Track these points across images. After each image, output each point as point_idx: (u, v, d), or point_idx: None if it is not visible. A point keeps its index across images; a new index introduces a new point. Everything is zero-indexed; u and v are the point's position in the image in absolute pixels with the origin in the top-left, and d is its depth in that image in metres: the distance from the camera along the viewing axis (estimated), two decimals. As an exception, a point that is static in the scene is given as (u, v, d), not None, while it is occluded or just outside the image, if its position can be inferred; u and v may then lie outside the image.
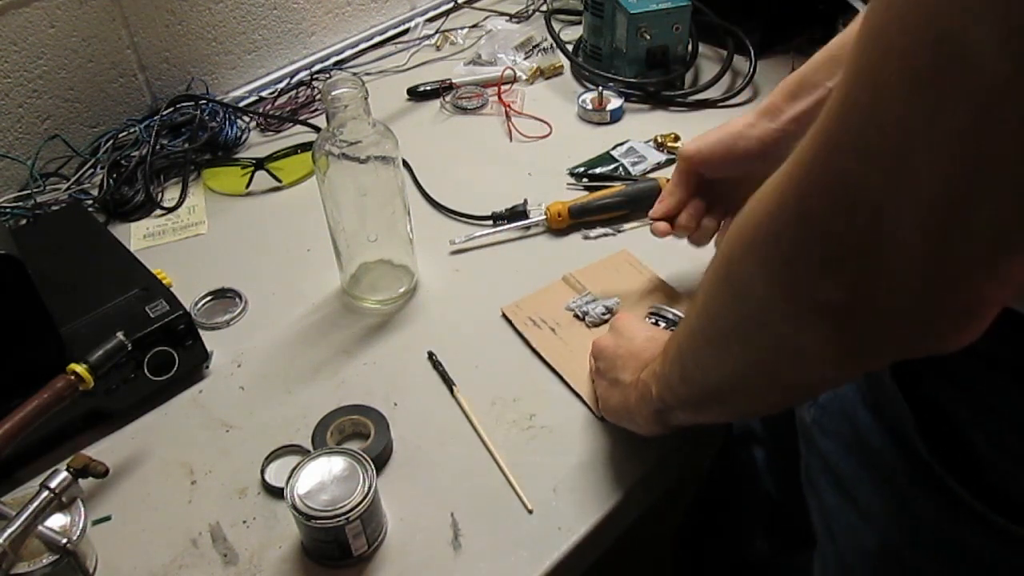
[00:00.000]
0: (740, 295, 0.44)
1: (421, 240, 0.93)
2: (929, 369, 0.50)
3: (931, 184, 0.32)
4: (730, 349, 0.48)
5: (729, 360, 0.49)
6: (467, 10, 1.43)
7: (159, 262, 0.94)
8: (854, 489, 0.59)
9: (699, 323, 0.51)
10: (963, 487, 0.49)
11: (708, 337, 0.51)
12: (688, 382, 0.56)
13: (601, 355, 0.73)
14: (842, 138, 0.34)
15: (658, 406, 0.62)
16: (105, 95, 1.11)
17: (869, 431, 0.56)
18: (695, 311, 0.52)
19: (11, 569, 0.61)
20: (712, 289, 0.48)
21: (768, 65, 1.21)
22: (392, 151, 0.83)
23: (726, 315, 0.47)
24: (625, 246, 0.95)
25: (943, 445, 0.50)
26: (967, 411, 0.48)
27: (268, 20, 1.23)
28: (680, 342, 0.56)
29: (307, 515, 0.64)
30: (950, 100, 0.30)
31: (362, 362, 0.84)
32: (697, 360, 0.54)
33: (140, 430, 0.79)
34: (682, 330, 0.56)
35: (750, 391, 0.50)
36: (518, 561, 0.67)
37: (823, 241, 0.36)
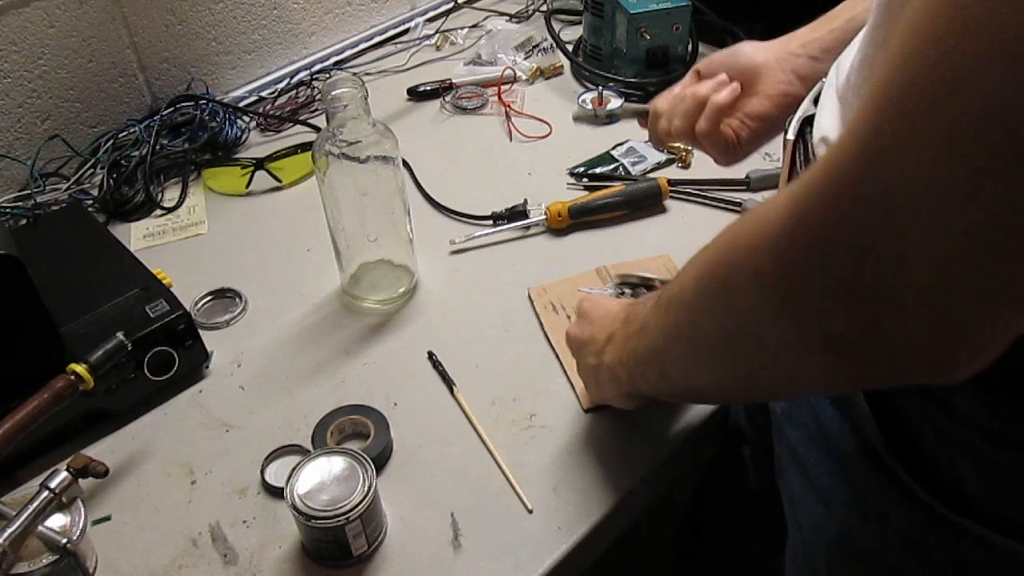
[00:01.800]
0: (735, 313, 0.43)
1: (421, 240, 0.93)
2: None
3: (956, 239, 0.32)
4: (718, 359, 0.47)
5: (716, 369, 0.48)
6: (467, 10, 1.43)
7: (159, 262, 0.94)
8: (818, 478, 0.60)
9: (680, 330, 0.50)
10: (912, 477, 0.50)
11: (692, 345, 0.50)
12: (668, 380, 0.55)
13: (569, 343, 0.72)
14: (864, 188, 0.34)
15: (629, 390, 0.63)
16: (105, 95, 1.11)
17: (830, 422, 0.57)
18: (673, 314, 0.51)
19: (11, 569, 0.61)
20: (698, 300, 0.47)
21: (768, 65, 1.21)
22: (392, 151, 0.83)
23: (715, 328, 0.46)
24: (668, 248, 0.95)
25: (896, 437, 0.51)
26: (918, 405, 0.49)
27: (268, 20, 1.23)
28: (656, 342, 0.54)
29: (307, 515, 0.64)
30: (991, 171, 0.30)
31: (362, 362, 0.84)
32: (679, 365, 0.53)
33: (140, 430, 0.79)
34: (657, 329, 0.54)
35: (735, 393, 0.50)
36: (518, 561, 0.67)
37: (837, 281, 0.36)
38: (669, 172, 1.06)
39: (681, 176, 1.04)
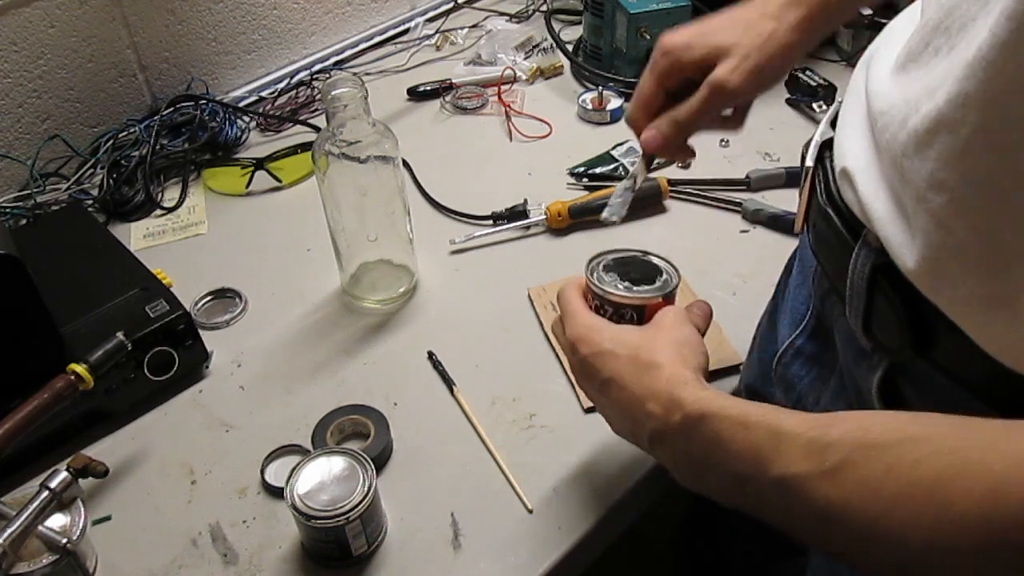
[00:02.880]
0: (905, 546, 0.35)
1: (421, 240, 0.93)
2: (914, 389, 0.49)
3: None
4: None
5: (822, 545, 0.41)
6: (467, 10, 1.43)
7: (159, 262, 0.94)
8: None
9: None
10: None
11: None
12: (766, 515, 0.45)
13: (572, 360, 0.59)
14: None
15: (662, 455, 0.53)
16: (105, 95, 1.11)
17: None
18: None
19: (11, 569, 0.61)
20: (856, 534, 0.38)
21: (768, 65, 1.20)
22: (392, 151, 0.83)
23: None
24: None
25: None
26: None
27: (268, 20, 1.23)
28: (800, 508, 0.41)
29: (307, 515, 0.64)
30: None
31: (362, 362, 0.84)
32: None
33: (140, 430, 0.79)
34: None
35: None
36: (518, 561, 0.67)
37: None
38: (669, 172, 1.06)
39: (681, 176, 1.04)
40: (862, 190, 0.47)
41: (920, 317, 0.44)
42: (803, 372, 0.63)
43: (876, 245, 0.46)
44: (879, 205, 0.45)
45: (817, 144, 0.55)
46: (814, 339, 0.61)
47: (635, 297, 0.58)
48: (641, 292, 0.59)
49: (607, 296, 0.59)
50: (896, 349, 0.46)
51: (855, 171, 0.48)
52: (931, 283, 0.42)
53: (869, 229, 0.47)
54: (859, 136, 0.49)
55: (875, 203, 0.46)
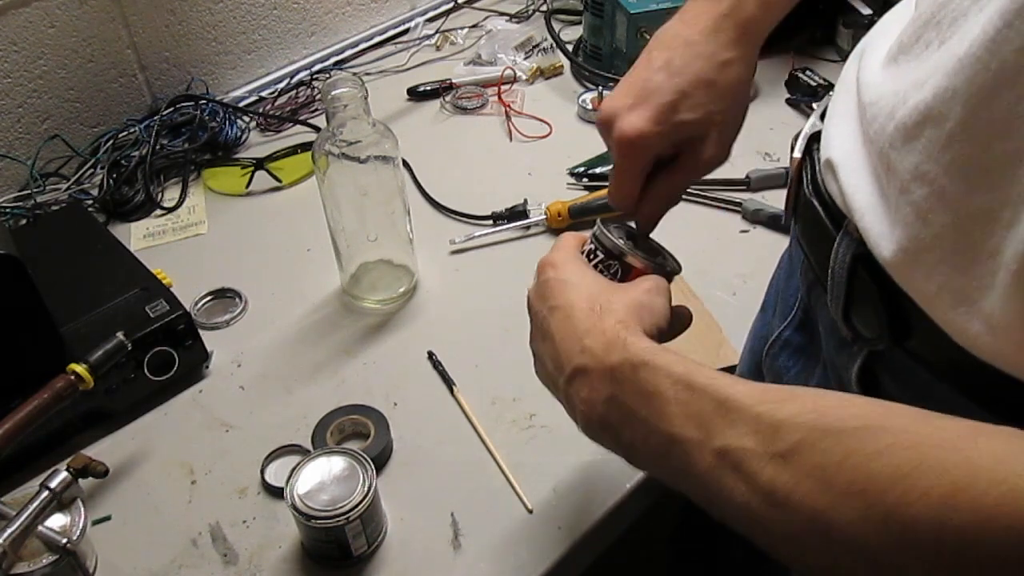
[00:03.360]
0: (853, 545, 0.33)
1: (421, 240, 0.93)
2: (892, 378, 0.49)
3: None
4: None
5: (758, 533, 0.38)
6: (467, 10, 1.43)
7: (159, 262, 0.94)
8: None
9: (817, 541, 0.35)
10: None
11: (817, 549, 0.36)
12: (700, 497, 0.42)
13: (538, 337, 0.54)
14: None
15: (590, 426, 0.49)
16: (105, 95, 1.11)
17: None
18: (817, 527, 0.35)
19: (11, 569, 0.61)
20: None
21: (767, 65, 1.21)
22: (392, 151, 0.83)
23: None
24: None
25: None
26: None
27: (268, 20, 1.23)
28: (733, 496, 0.38)
29: (307, 515, 0.64)
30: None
31: (362, 362, 0.84)
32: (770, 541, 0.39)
33: (140, 430, 0.79)
34: (751, 493, 0.37)
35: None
36: (518, 561, 0.67)
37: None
38: (669, 172, 1.06)
39: (681, 176, 1.04)
40: (845, 181, 0.47)
41: (897, 307, 0.44)
42: (790, 363, 0.63)
43: (857, 235, 0.47)
44: (861, 196, 0.46)
45: (806, 136, 0.55)
46: (801, 331, 0.62)
47: (630, 253, 0.55)
48: (637, 253, 0.56)
49: (604, 239, 0.56)
50: (874, 338, 0.47)
51: (839, 162, 0.48)
52: (906, 274, 0.42)
53: (850, 220, 0.47)
54: (846, 127, 0.49)
55: (857, 194, 0.46)
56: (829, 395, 0.38)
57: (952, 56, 0.37)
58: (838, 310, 0.49)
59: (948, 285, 0.39)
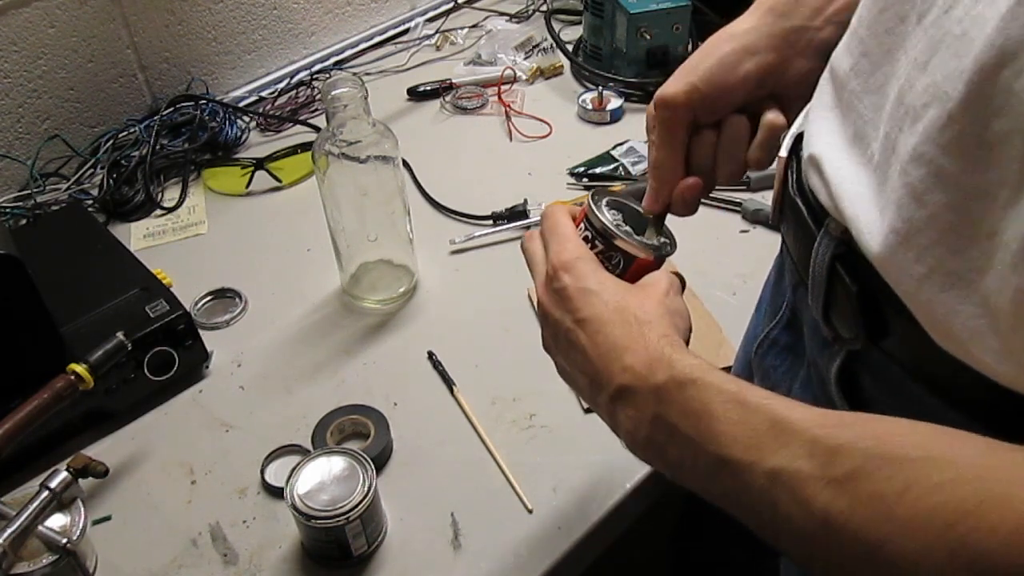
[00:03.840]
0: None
1: (421, 240, 0.93)
2: (870, 378, 0.49)
3: None
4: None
5: (813, 561, 0.37)
6: (467, 10, 1.43)
7: (159, 262, 0.94)
8: None
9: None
10: None
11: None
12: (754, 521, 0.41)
13: (560, 349, 0.52)
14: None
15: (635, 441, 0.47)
16: (105, 95, 1.11)
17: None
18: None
19: (11, 569, 0.61)
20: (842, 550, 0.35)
21: (768, 65, 1.21)
22: (392, 151, 0.83)
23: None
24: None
25: None
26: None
27: (268, 20, 1.23)
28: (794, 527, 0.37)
29: (307, 515, 0.64)
30: None
31: (362, 362, 0.84)
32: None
33: (140, 430, 0.79)
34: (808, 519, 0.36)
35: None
36: (518, 561, 0.67)
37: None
38: (669, 172, 1.06)
39: (681, 176, 1.04)
40: (830, 173, 0.47)
41: (875, 306, 0.44)
42: (777, 362, 0.64)
43: (837, 234, 0.47)
44: (848, 185, 0.46)
45: (792, 136, 0.55)
46: (789, 330, 0.62)
47: (633, 244, 0.53)
48: (639, 243, 0.54)
49: (605, 231, 0.53)
50: (852, 338, 0.47)
51: (822, 155, 0.49)
52: (893, 260, 0.42)
53: (832, 217, 0.47)
54: (828, 122, 0.49)
55: (844, 183, 0.46)
56: (891, 421, 0.37)
57: (948, 33, 0.38)
58: (818, 309, 0.50)
59: (940, 267, 0.39)
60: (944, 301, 0.39)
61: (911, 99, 0.41)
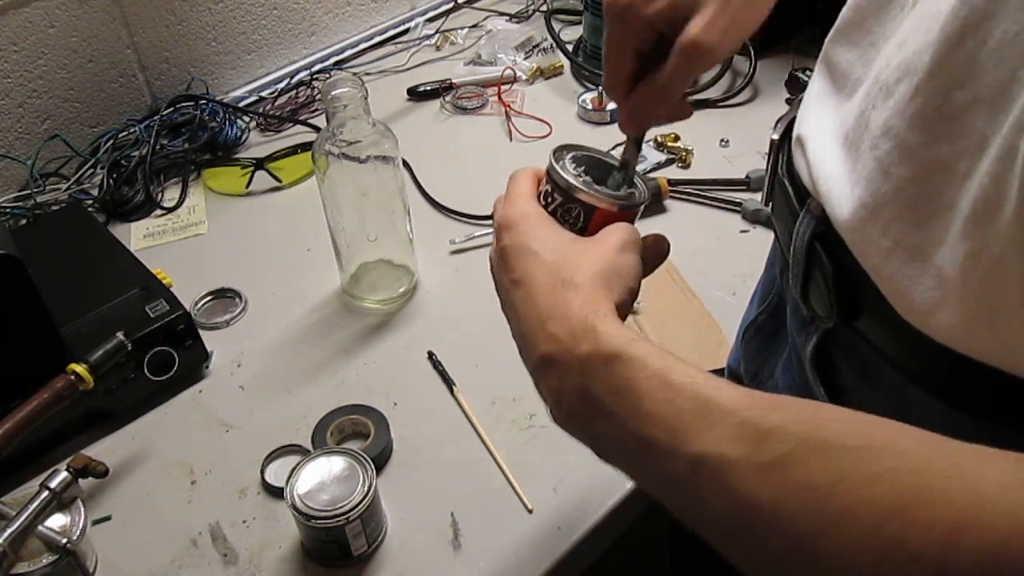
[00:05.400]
0: (846, 574, 0.31)
1: (421, 240, 0.93)
2: (843, 356, 0.50)
3: None
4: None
5: (735, 550, 0.36)
6: (467, 10, 1.43)
7: (159, 262, 0.94)
8: None
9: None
10: None
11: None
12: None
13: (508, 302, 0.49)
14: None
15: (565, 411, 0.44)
16: (105, 95, 1.11)
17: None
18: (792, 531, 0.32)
19: (11, 569, 0.61)
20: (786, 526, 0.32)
21: (768, 64, 1.21)
22: (392, 151, 0.83)
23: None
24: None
25: None
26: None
27: (268, 20, 1.23)
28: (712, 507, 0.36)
29: (307, 515, 0.64)
30: None
31: (362, 362, 0.84)
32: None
33: (140, 430, 0.79)
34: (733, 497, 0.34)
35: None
36: (518, 561, 0.67)
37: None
38: (669, 172, 1.06)
39: (681, 176, 1.04)
40: (812, 152, 0.48)
41: (849, 285, 0.45)
42: (762, 346, 0.65)
43: (817, 213, 0.47)
44: (827, 165, 0.46)
45: (785, 121, 0.56)
46: (775, 315, 0.63)
47: (590, 195, 0.49)
48: (599, 192, 0.50)
49: (563, 183, 0.50)
50: (826, 316, 0.48)
51: (809, 135, 0.49)
52: (862, 233, 0.43)
53: (814, 197, 0.48)
54: (820, 106, 0.50)
55: (824, 163, 0.46)
56: (828, 408, 0.35)
57: (927, 15, 0.38)
58: (797, 288, 0.51)
59: (904, 240, 0.40)
60: (907, 274, 0.40)
61: (886, 76, 0.41)
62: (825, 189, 0.46)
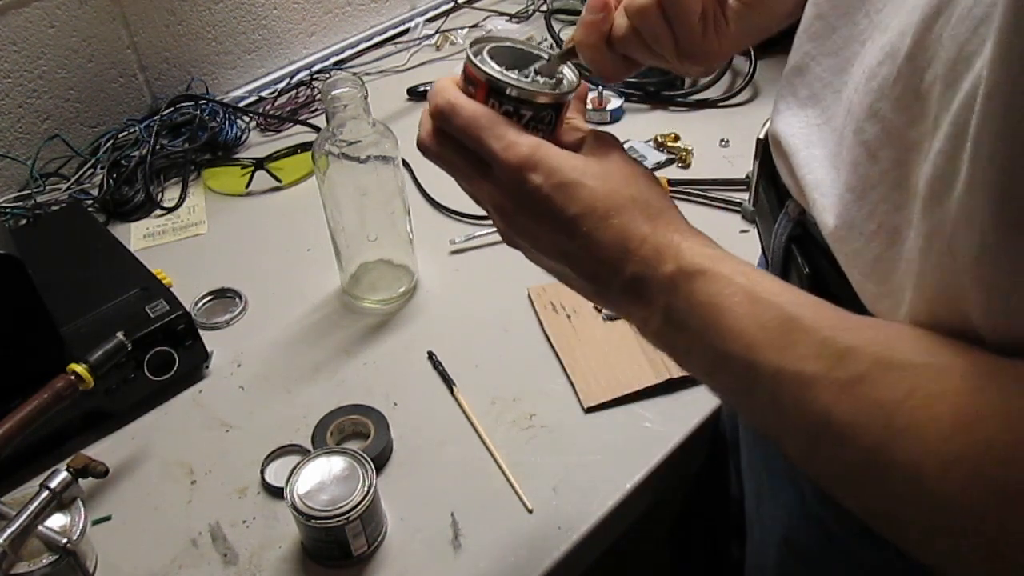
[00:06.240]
0: (903, 498, 0.33)
1: (421, 240, 0.93)
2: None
3: None
4: (820, 465, 0.37)
5: (811, 463, 0.37)
6: (467, 10, 1.43)
7: (159, 262, 0.94)
8: (770, 479, 0.60)
9: (850, 466, 0.35)
10: None
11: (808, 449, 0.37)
12: (722, 393, 0.43)
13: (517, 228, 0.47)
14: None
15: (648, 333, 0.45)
16: (105, 95, 1.11)
17: None
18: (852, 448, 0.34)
19: (11, 569, 0.61)
20: (858, 453, 0.34)
21: (768, 64, 1.21)
22: (392, 151, 0.83)
23: (856, 478, 0.35)
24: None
25: None
26: None
27: (268, 20, 1.23)
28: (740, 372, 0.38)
29: (307, 515, 0.64)
30: None
31: (362, 362, 0.84)
32: (756, 418, 0.41)
33: (140, 430, 0.79)
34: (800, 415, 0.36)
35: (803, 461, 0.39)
36: (518, 561, 0.67)
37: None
38: (669, 172, 1.06)
39: (681, 176, 1.04)
40: (788, 143, 0.48)
41: (823, 288, 0.45)
42: None
43: (794, 216, 0.48)
44: (805, 151, 0.46)
45: (771, 121, 0.56)
46: None
47: (554, 93, 0.46)
48: (558, 84, 0.47)
49: (526, 94, 0.46)
50: None
51: (785, 132, 0.49)
52: (846, 217, 0.42)
53: (792, 198, 0.48)
54: (786, 92, 0.50)
55: (800, 152, 0.46)
56: (899, 327, 0.36)
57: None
58: None
59: (887, 223, 0.39)
60: (889, 258, 0.40)
61: (870, 59, 0.41)
62: (810, 179, 0.45)
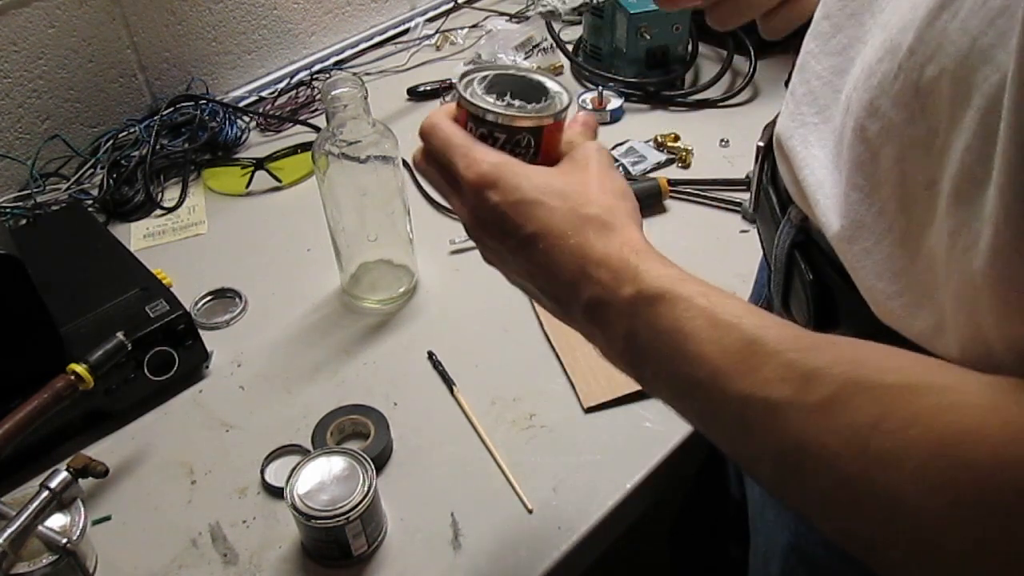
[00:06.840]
0: (883, 523, 0.32)
1: (421, 240, 0.93)
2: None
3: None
4: (802, 485, 0.35)
5: (784, 489, 0.36)
6: (467, 10, 1.43)
7: (159, 262, 0.94)
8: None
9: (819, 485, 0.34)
10: None
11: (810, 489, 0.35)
12: (684, 415, 0.41)
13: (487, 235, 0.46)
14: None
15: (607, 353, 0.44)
16: (105, 95, 1.11)
17: None
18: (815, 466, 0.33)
19: (11, 569, 0.61)
20: (839, 469, 0.33)
21: (768, 65, 1.21)
22: (392, 151, 0.83)
23: (838, 493, 0.33)
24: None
25: None
26: None
27: (268, 20, 1.23)
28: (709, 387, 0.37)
29: (307, 515, 0.64)
30: None
31: (362, 362, 0.84)
32: (723, 437, 0.39)
33: (140, 430, 0.79)
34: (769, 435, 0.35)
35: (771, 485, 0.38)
36: (518, 561, 0.67)
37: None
38: (669, 172, 1.06)
39: (681, 176, 1.04)
40: (788, 143, 0.48)
41: (827, 295, 0.45)
42: None
43: (797, 222, 0.48)
44: (806, 151, 0.46)
45: (772, 127, 0.56)
46: None
47: (533, 115, 0.46)
48: (538, 111, 0.46)
49: (502, 118, 0.45)
50: (804, 325, 0.47)
51: (785, 133, 0.49)
52: (852, 220, 0.42)
53: (794, 205, 0.48)
54: (790, 92, 0.50)
55: (801, 152, 0.46)
56: (869, 346, 0.35)
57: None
58: (778, 296, 0.51)
59: (899, 221, 0.39)
60: (903, 256, 0.39)
61: (870, 56, 0.41)
62: (813, 180, 0.45)
